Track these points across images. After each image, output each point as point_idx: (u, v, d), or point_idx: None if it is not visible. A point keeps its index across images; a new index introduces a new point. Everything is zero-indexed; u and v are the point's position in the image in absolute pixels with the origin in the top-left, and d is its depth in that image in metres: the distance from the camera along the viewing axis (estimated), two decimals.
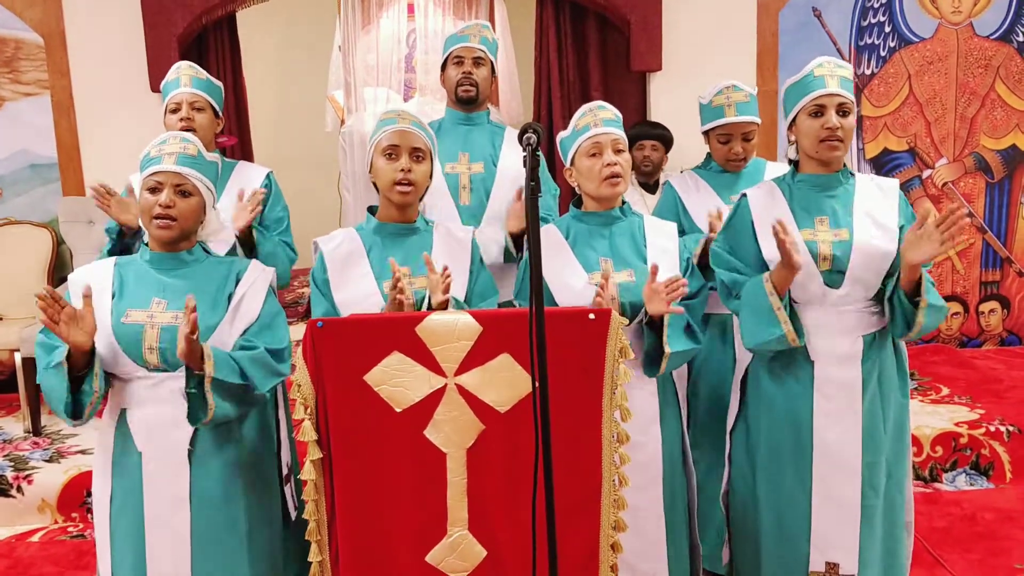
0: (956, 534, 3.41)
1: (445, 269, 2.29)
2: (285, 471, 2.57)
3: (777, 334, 2.36)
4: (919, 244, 2.29)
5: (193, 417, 2.17)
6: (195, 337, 2.06)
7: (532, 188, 1.76)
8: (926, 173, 5.13)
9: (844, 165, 2.51)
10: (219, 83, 3.02)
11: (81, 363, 2.15)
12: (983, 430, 3.94)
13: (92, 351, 2.15)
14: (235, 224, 2.75)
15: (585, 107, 2.53)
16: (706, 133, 3.02)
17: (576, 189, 2.56)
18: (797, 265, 2.29)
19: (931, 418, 4.06)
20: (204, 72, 2.99)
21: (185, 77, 2.92)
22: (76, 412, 2.17)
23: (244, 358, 2.20)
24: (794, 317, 2.40)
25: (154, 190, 2.23)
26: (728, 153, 2.97)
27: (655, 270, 2.35)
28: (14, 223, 4.81)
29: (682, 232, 2.74)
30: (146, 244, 2.33)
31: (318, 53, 6.51)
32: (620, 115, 2.54)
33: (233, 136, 4.93)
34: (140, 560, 2.24)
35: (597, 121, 2.47)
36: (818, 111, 2.40)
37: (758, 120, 2.97)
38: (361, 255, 2.42)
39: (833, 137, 2.39)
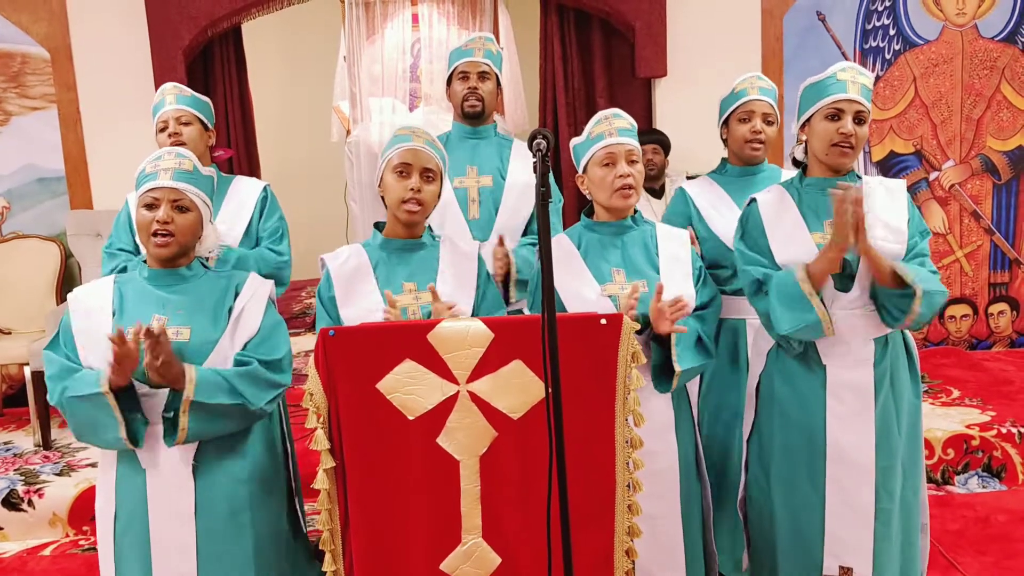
0: (970, 536, 3.39)
1: (454, 307, 2.29)
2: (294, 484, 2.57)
3: (811, 319, 2.32)
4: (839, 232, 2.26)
5: (167, 438, 2.16)
6: (160, 362, 2.05)
7: (543, 194, 1.77)
8: (933, 175, 5.13)
9: (851, 169, 2.50)
10: (206, 99, 3.06)
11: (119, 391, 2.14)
12: (994, 432, 3.92)
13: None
14: None
15: (600, 114, 2.49)
16: (725, 124, 2.90)
17: (588, 197, 2.54)
18: (848, 242, 2.25)
19: (942, 421, 4.04)
20: (188, 89, 3.04)
21: (170, 96, 2.98)
22: (135, 440, 2.16)
23: (234, 375, 2.18)
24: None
25: (151, 206, 2.21)
26: (748, 133, 2.82)
27: (660, 289, 2.32)
28: (22, 237, 4.83)
29: (699, 238, 2.72)
30: (144, 261, 2.31)
31: (323, 64, 6.52)
32: (635, 124, 2.50)
33: (230, 149, 4.91)
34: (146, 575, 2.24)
35: (612, 130, 2.43)
36: (835, 114, 2.38)
37: (777, 111, 2.86)
38: (367, 271, 2.41)
39: (846, 143, 2.37)
